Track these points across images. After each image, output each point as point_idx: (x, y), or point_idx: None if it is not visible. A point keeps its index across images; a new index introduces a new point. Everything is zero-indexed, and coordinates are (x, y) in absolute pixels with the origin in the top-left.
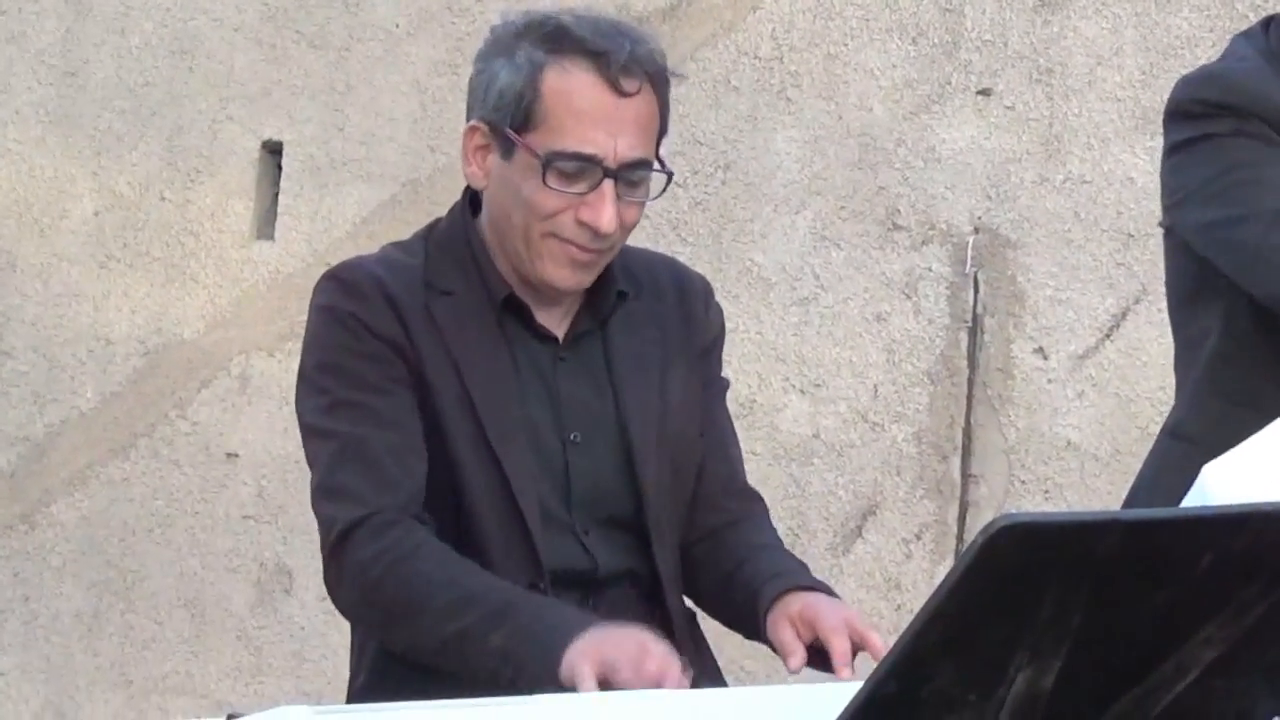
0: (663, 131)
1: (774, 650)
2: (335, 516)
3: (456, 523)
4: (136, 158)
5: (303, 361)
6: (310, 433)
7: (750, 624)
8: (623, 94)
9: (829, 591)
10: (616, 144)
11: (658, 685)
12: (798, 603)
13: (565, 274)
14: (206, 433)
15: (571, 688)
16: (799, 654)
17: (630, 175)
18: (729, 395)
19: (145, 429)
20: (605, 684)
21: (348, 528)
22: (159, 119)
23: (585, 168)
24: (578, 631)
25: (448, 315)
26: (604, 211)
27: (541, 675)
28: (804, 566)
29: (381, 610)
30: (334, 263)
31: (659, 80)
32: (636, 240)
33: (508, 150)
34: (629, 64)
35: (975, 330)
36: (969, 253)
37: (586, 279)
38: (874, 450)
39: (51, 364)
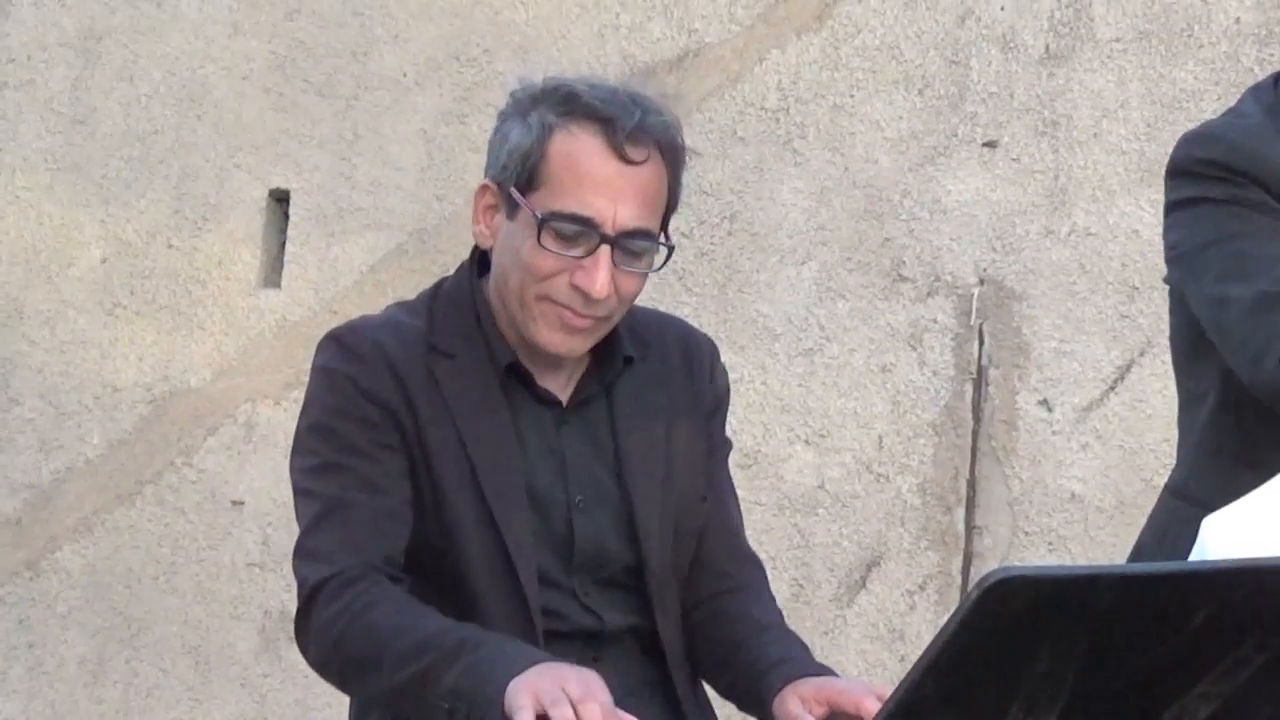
0: (672, 206)
1: None
2: (306, 577)
3: (453, 582)
4: (144, 205)
5: (299, 421)
6: (297, 493)
7: (752, 704)
8: (628, 161)
9: (833, 674)
10: (617, 211)
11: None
12: (809, 685)
13: (558, 339)
14: (212, 480)
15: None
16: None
17: (629, 244)
18: (734, 446)
19: (151, 476)
20: (543, 718)
21: (315, 587)
22: (167, 167)
23: (582, 232)
24: (525, 665)
25: (450, 378)
26: (597, 277)
27: (489, 711)
28: (805, 647)
29: (345, 663)
30: (341, 311)
31: (669, 152)
32: (643, 289)
33: (512, 210)
34: (636, 132)
35: (980, 382)
36: (974, 304)
37: (580, 345)
38: (878, 501)
39: (58, 411)
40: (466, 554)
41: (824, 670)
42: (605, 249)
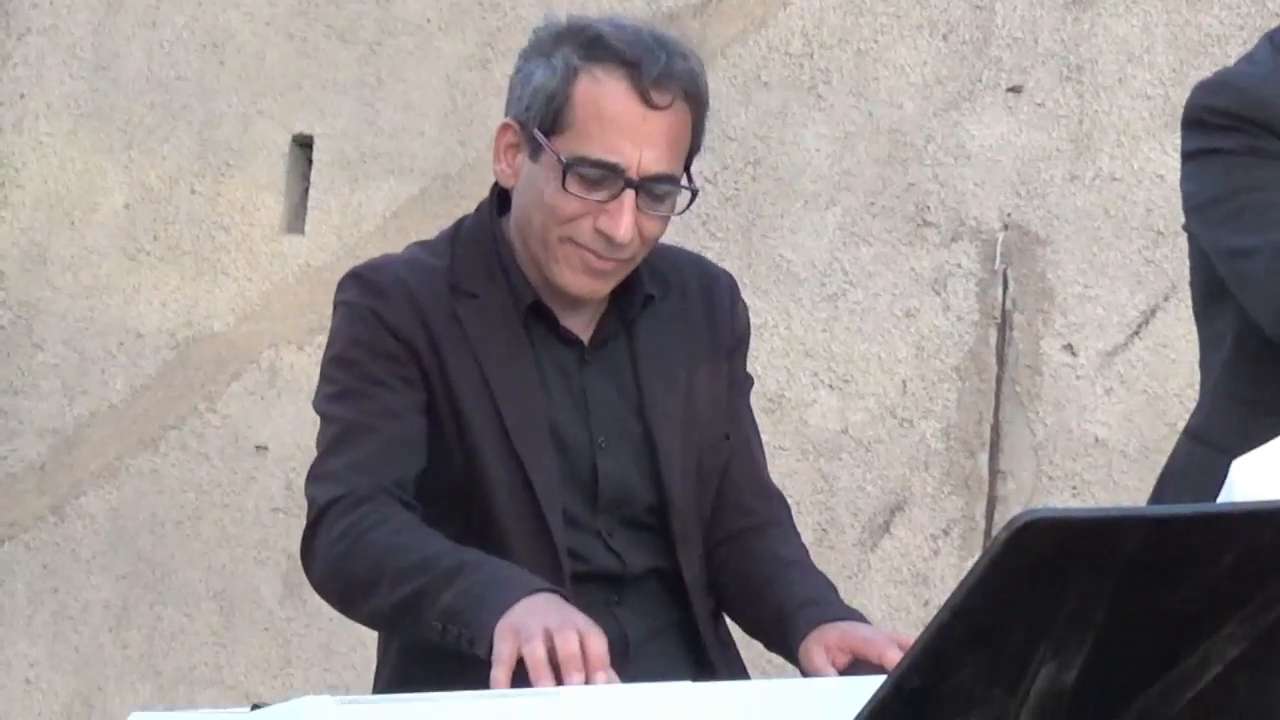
0: (694, 149)
1: (801, 672)
2: (316, 498)
3: (480, 523)
4: (167, 151)
5: (323, 357)
6: (320, 420)
7: (778, 644)
8: (653, 106)
9: (858, 618)
10: (641, 156)
11: (573, 669)
12: (834, 631)
13: (581, 280)
14: (236, 426)
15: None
16: (832, 671)
17: (653, 188)
18: (757, 390)
19: (175, 422)
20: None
21: (324, 507)
22: (190, 113)
23: (607, 176)
24: (519, 595)
25: (473, 318)
26: (621, 221)
27: (479, 637)
28: (831, 586)
29: (347, 581)
30: (364, 256)
31: (693, 97)
32: (666, 236)
33: (535, 151)
34: (662, 77)
35: (1004, 327)
36: (998, 249)
37: (603, 287)
38: (902, 446)
39: (82, 357)
40: (493, 495)
41: (851, 613)
42: (629, 193)
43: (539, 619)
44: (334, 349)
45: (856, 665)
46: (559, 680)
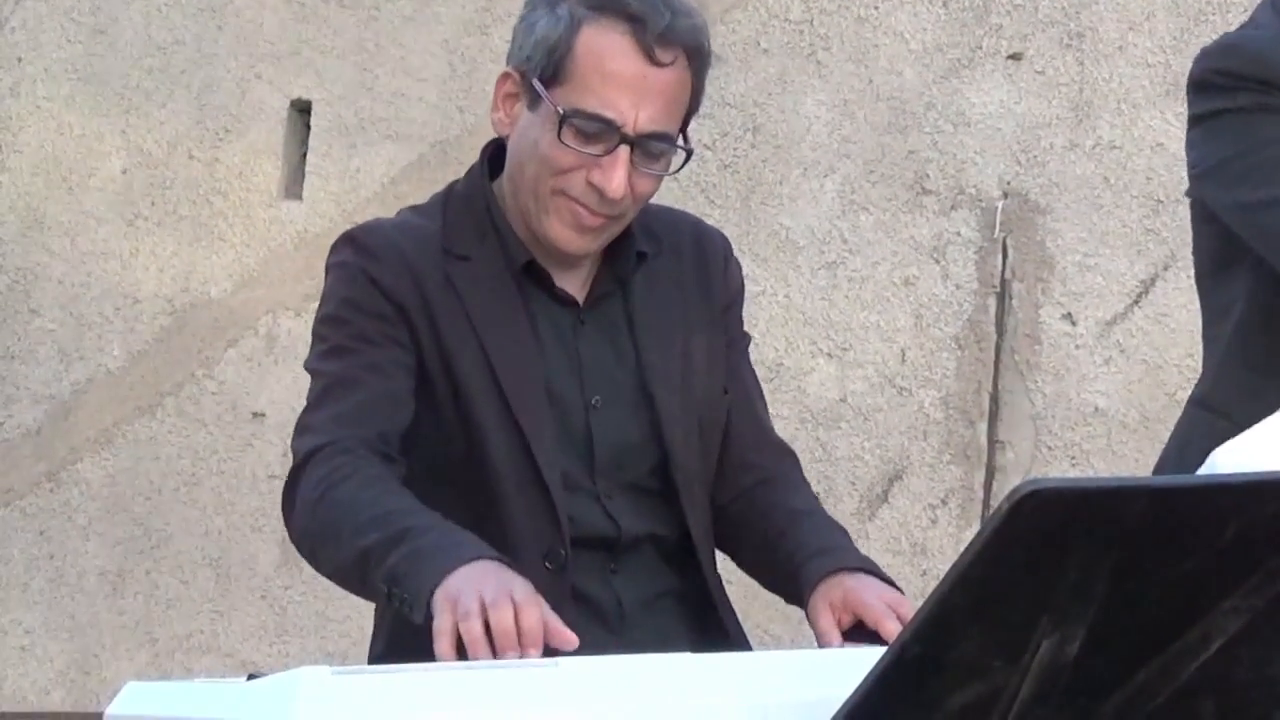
0: (693, 110)
1: (810, 623)
2: (298, 449)
3: (478, 488)
4: (165, 116)
5: (314, 318)
6: (310, 377)
7: (794, 596)
8: (655, 63)
9: (872, 568)
10: (639, 112)
11: (507, 646)
12: (839, 589)
13: (570, 235)
14: (233, 392)
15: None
16: (837, 640)
17: (649, 146)
18: (756, 359)
19: (172, 388)
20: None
21: (306, 455)
22: (188, 77)
23: (603, 130)
24: (459, 563)
25: (466, 281)
26: (614, 176)
27: (417, 603)
28: (845, 534)
29: (315, 533)
30: (362, 222)
31: (696, 57)
32: (664, 202)
33: (533, 101)
34: (666, 34)
35: (1003, 295)
36: (998, 218)
37: (590, 244)
38: (901, 415)
39: (79, 322)
40: (490, 459)
41: (863, 560)
42: (624, 149)
43: (475, 589)
44: (325, 309)
45: (861, 627)
46: (495, 655)
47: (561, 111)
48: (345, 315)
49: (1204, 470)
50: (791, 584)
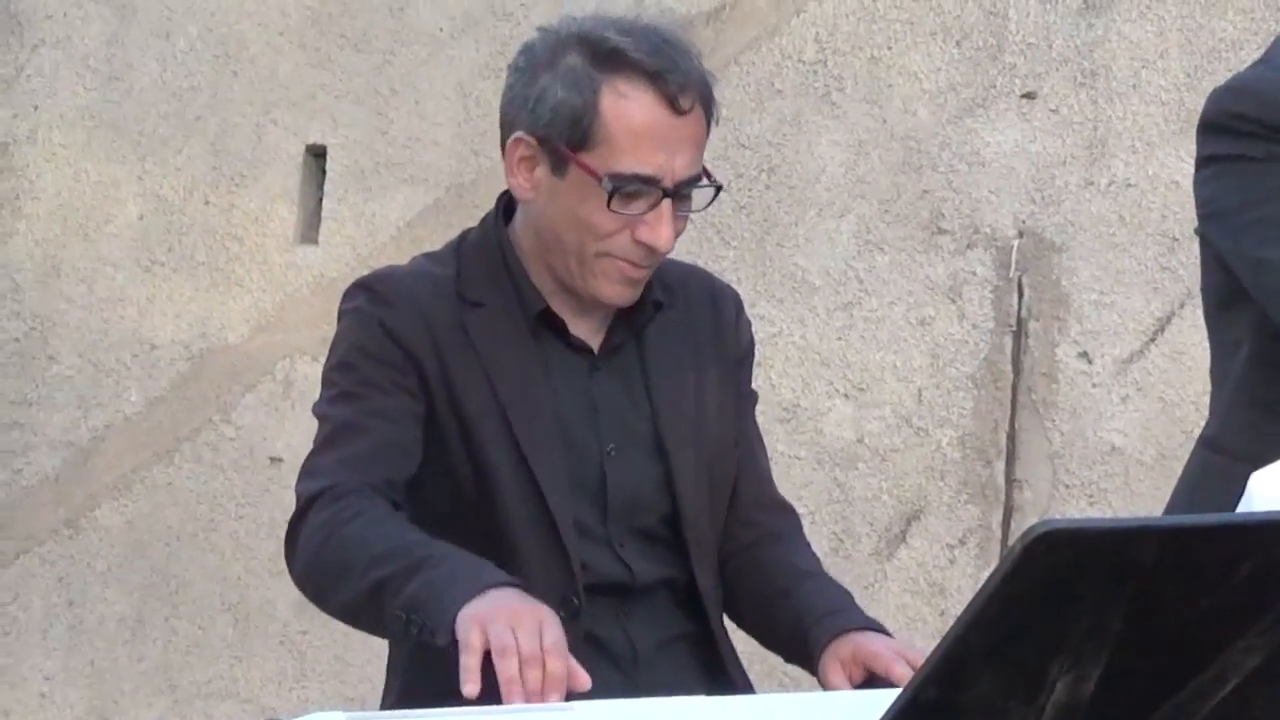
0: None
1: (821, 685)
2: (303, 492)
3: (490, 534)
4: (181, 162)
5: (324, 364)
6: (318, 423)
7: (799, 657)
8: (680, 112)
9: (879, 628)
10: (675, 164)
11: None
12: (848, 645)
13: (618, 290)
14: (250, 437)
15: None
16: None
17: (685, 191)
18: (773, 400)
19: (189, 434)
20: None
21: (310, 499)
22: (203, 123)
23: (645, 189)
24: (482, 588)
25: (480, 327)
26: (662, 231)
27: (440, 627)
28: (847, 595)
29: (323, 570)
30: (378, 267)
31: (708, 96)
32: (680, 243)
33: (559, 167)
34: (685, 83)
35: (1019, 334)
36: (1013, 256)
37: (636, 294)
38: (918, 455)
39: (96, 369)
40: (504, 506)
41: (869, 622)
42: (667, 202)
43: (507, 622)
44: (336, 355)
45: (873, 679)
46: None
47: (604, 177)
48: (355, 361)
49: (1245, 495)
50: (798, 644)
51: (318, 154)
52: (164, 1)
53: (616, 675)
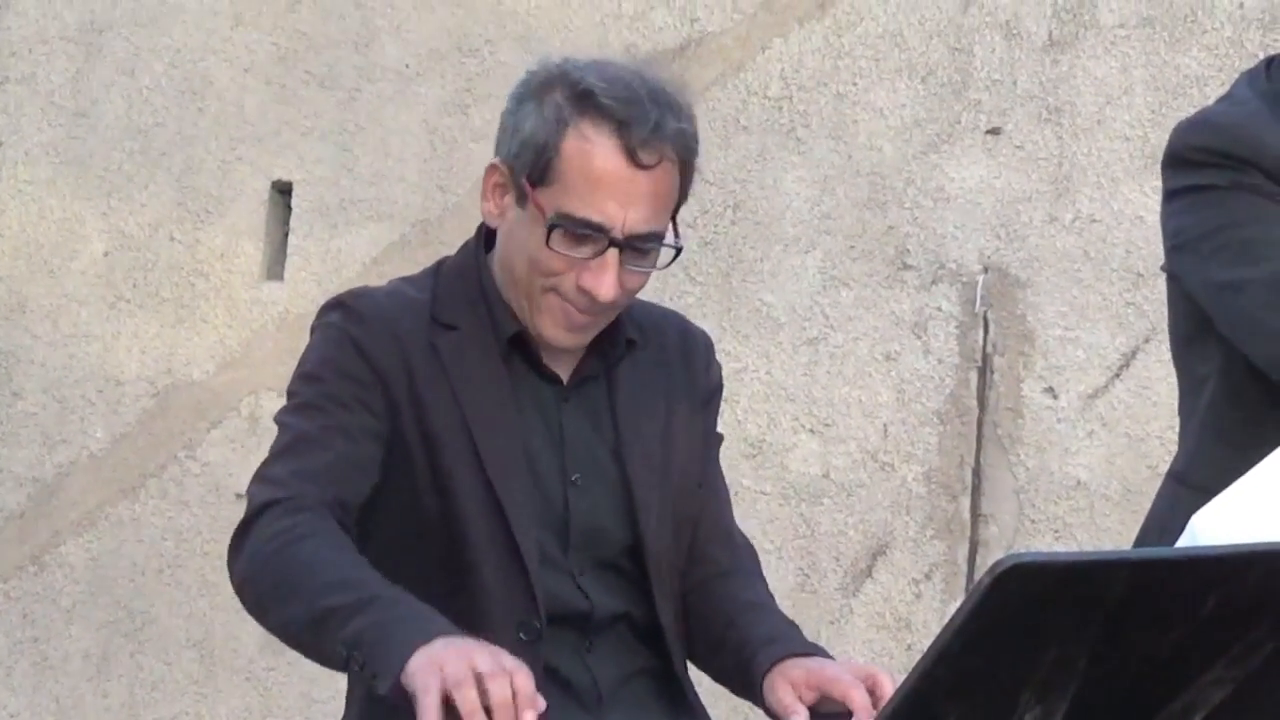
0: (681, 201)
1: (768, 714)
2: (254, 497)
3: (451, 555)
4: (146, 198)
5: (292, 375)
6: (277, 429)
7: (742, 687)
8: (640, 166)
9: (822, 652)
10: (627, 215)
11: (504, 706)
12: (798, 668)
13: (561, 334)
14: (216, 473)
15: (411, 694)
16: (801, 711)
17: (638, 245)
18: (739, 435)
19: (155, 469)
20: (448, 700)
21: (261, 506)
22: (169, 159)
23: (591, 235)
24: (431, 636)
25: (452, 350)
26: (604, 280)
27: (384, 672)
28: (795, 628)
29: (268, 587)
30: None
31: (682, 152)
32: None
33: (521, 198)
34: (651, 137)
35: (985, 370)
36: (978, 292)
37: (582, 339)
38: (884, 490)
39: (61, 405)
40: (466, 528)
41: (815, 649)
42: (613, 252)
43: (463, 659)
44: (304, 366)
45: (823, 702)
46: None
47: (549, 217)
48: (322, 374)
49: (1184, 537)
50: (741, 673)
51: (283, 190)
52: (129, 38)
53: (581, 713)
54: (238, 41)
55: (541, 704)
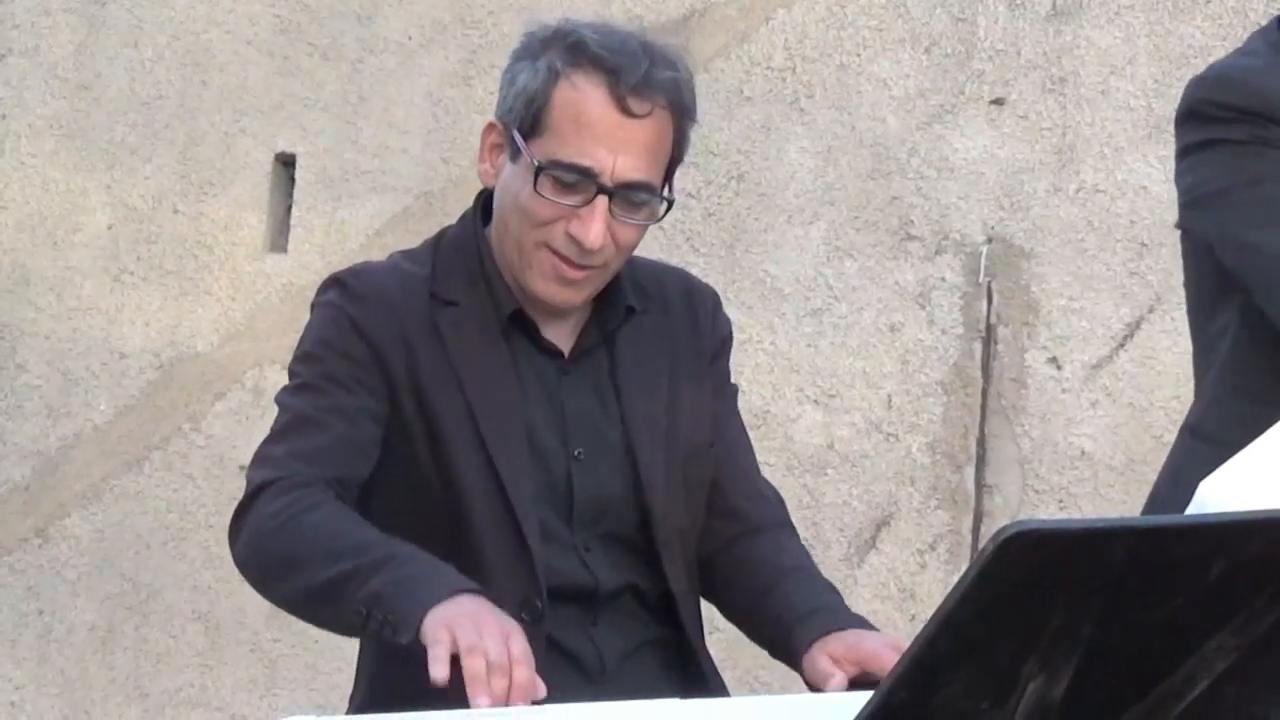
0: (677, 158)
1: (806, 681)
2: (253, 478)
3: (453, 535)
4: (150, 171)
5: (292, 355)
6: (277, 410)
7: (781, 653)
8: (630, 114)
9: (864, 623)
10: (616, 162)
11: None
12: (840, 643)
13: (553, 289)
14: (220, 445)
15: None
16: (839, 676)
17: (629, 195)
18: (743, 406)
19: (159, 442)
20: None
21: (261, 484)
22: (172, 132)
23: (580, 181)
24: (449, 592)
25: (452, 326)
26: (592, 227)
27: (404, 626)
28: (835, 593)
29: (273, 559)
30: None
31: (676, 107)
32: (649, 252)
33: (514, 153)
34: (641, 85)
35: (989, 340)
36: (982, 262)
37: (575, 296)
38: (888, 461)
39: (65, 378)
40: (468, 507)
41: (855, 619)
42: (602, 199)
43: (475, 625)
44: (303, 346)
45: (863, 674)
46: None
47: (538, 162)
48: (320, 354)
49: (1192, 505)
50: (783, 642)
51: (287, 162)
52: (132, 11)
53: (584, 684)
54: (240, 13)
55: (541, 691)
